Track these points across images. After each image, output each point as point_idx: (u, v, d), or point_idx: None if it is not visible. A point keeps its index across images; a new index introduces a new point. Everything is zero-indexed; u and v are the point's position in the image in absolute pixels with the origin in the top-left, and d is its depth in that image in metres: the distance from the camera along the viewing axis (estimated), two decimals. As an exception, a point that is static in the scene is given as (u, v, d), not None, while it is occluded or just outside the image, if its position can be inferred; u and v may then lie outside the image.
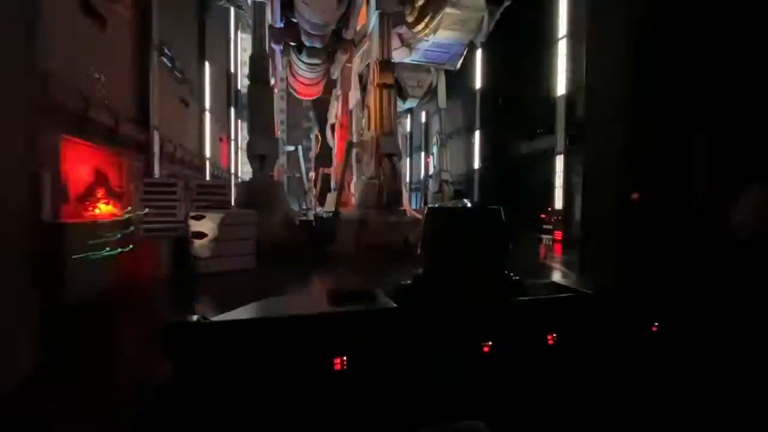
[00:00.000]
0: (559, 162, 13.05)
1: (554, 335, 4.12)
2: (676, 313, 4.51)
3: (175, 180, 8.36)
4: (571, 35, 12.67)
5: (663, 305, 4.56)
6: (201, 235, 6.75)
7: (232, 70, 22.18)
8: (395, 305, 3.85)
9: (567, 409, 3.73)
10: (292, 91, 21.06)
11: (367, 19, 12.76)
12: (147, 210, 7.49)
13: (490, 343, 3.87)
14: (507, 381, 3.77)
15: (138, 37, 9.77)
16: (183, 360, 3.00)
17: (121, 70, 9.03)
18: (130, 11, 9.30)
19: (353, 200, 13.96)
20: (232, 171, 21.74)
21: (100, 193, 7.52)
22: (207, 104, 16.58)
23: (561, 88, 13.02)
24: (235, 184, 18.28)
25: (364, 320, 3.66)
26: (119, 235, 5.80)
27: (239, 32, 22.16)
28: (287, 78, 19.23)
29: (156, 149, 10.10)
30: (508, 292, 4.29)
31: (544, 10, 13.84)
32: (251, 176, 11.54)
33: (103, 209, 7.38)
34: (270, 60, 13.45)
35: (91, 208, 7.26)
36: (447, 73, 17.91)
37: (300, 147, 26.06)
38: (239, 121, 22.93)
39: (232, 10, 20.02)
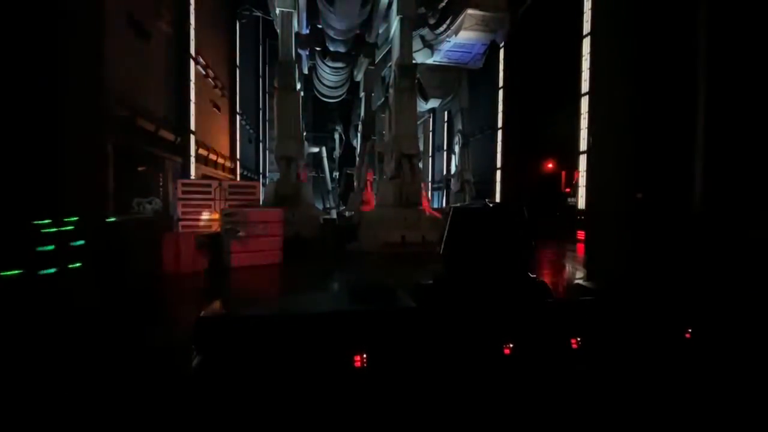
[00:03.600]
0: (582, 161, 12.89)
1: (578, 339, 3.94)
2: (713, 319, 4.14)
3: (210, 181, 9.04)
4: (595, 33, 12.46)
5: (698, 310, 4.18)
6: (233, 231, 7.32)
7: (260, 74, 23.12)
8: (415, 305, 3.81)
9: (587, 414, 3.56)
10: (317, 93, 21.76)
11: (389, 23, 13.11)
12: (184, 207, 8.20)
13: (511, 345, 3.76)
14: (528, 384, 3.68)
15: (177, 49, 10.58)
16: (206, 354, 3.10)
17: (162, 78, 9.83)
18: (170, 26, 10.09)
19: (375, 199, 14.36)
20: (260, 171, 22.69)
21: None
22: (238, 108, 17.48)
23: (584, 86, 12.85)
24: (264, 184, 19.13)
25: (384, 319, 3.64)
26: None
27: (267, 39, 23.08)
28: (312, 81, 19.92)
29: (192, 152, 10.88)
30: (531, 294, 4.17)
31: (567, 8, 13.68)
32: (278, 177, 12.17)
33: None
34: (296, 65, 14.07)
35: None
36: (469, 72, 17.93)
37: (324, 148, 26.83)
38: (267, 123, 23.88)
39: (261, 18, 20.91)
